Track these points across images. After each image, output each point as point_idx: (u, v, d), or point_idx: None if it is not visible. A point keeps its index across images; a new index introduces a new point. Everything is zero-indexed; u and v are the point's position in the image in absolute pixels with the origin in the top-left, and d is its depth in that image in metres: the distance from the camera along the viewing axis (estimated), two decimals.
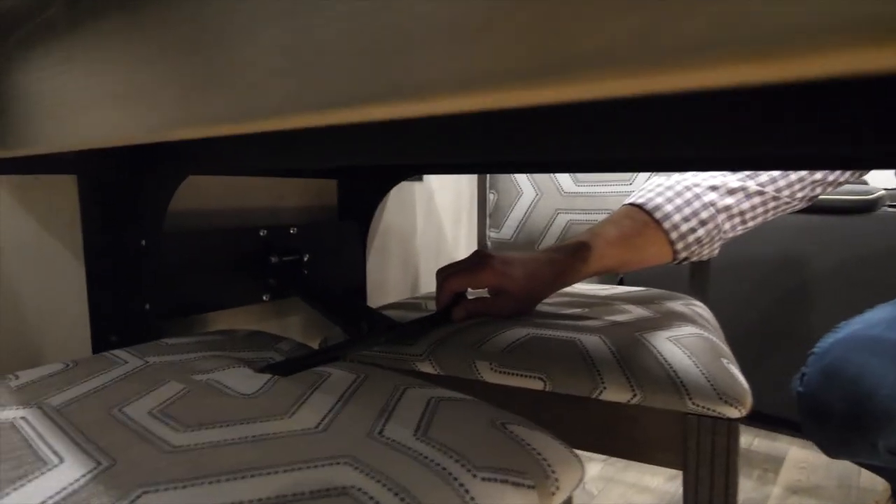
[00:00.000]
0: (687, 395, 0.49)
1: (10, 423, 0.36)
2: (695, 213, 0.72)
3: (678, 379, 0.50)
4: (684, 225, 0.72)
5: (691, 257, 0.75)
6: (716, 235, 0.75)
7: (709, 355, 0.53)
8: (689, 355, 0.53)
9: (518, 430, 0.37)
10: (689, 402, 0.49)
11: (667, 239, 0.72)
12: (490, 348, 0.58)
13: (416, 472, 0.31)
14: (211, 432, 0.35)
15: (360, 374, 0.46)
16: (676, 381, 0.50)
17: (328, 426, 0.36)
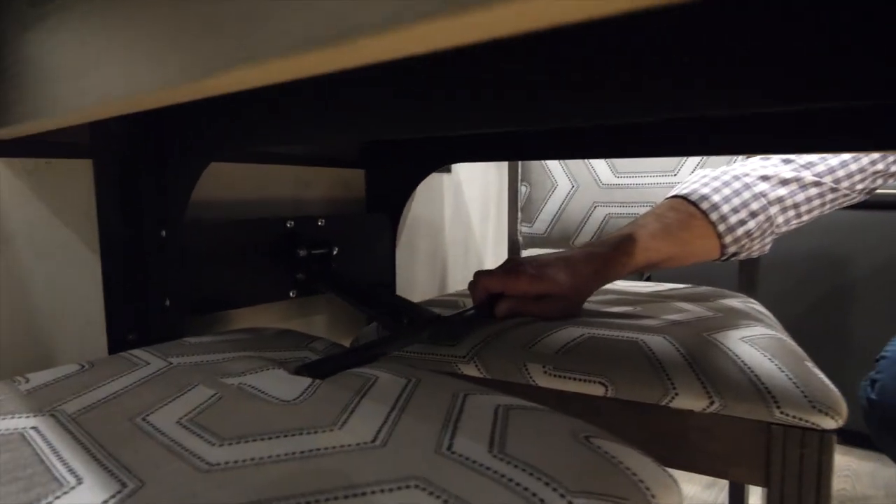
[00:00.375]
0: (774, 403, 0.44)
1: (19, 433, 0.31)
2: (744, 203, 0.67)
3: (762, 385, 0.45)
4: (733, 217, 0.66)
5: (740, 252, 0.70)
6: (767, 229, 0.69)
7: (791, 358, 0.48)
8: (770, 358, 0.47)
9: (605, 446, 0.32)
10: (777, 411, 0.44)
11: (714, 231, 0.66)
12: (542, 349, 0.53)
13: (500, 496, 0.26)
14: (252, 446, 0.30)
15: (411, 378, 0.40)
16: (760, 387, 0.45)
17: (387, 440, 0.31)
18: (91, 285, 0.57)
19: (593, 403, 0.51)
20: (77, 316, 0.56)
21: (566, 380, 0.51)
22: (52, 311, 0.55)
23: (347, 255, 0.73)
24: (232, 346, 0.49)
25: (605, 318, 0.60)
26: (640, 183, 0.88)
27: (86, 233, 0.56)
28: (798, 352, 0.51)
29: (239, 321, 0.70)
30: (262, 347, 0.48)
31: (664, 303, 0.67)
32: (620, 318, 0.60)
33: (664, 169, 0.86)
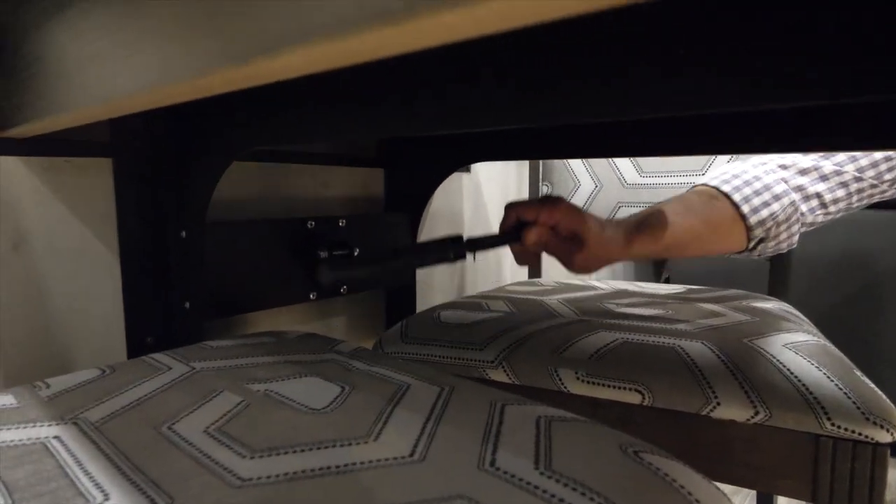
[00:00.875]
0: (824, 415, 0.42)
1: (41, 444, 0.30)
2: (766, 187, 0.66)
3: (811, 395, 0.43)
4: (756, 198, 0.65)
5: (768, 241, 0.68)
6: (792, 215, 0.67)
7: (839, 367, 0.46)
8: (818, 366, 0.45)
9: (656, 461, 0.30)
10: (828, 423, 0.42)
11: (738, 213, 0.65)
12: (575, 354, 0.51)
13: None
14: (284, 459, 0.28)
15: (445, 386, 0.39)
16: (809, 397, 0.43)
17: (426, 453, 0.29)
18: (110, 287, 0.56)
19: (629, 412, 0.49)
20: (95, 318, 0.55)
21: (600, 387, 0.49)
22: (70, 313, 0.53)
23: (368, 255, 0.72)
24: (255, 350, 0.47)
25: (637, 321, 0.58)
26: (666, 182, 0.86)
27: (105, 233, 0.55)
28: (845, 360, 0.48)
29: (257, 323, 0.69)
30: (286, 351, 0.47)
31: (695, 305, 0.65)
32: (653, 321, 0.58)
33: (692, 168, 0.84)
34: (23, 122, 0.40)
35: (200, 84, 0.22)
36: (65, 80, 0.32)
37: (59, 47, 0.32)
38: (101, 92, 0.27)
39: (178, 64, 0.21)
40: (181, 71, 0.21)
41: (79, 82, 0.30)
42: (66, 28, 0.31)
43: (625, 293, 0.74)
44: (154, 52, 0.23)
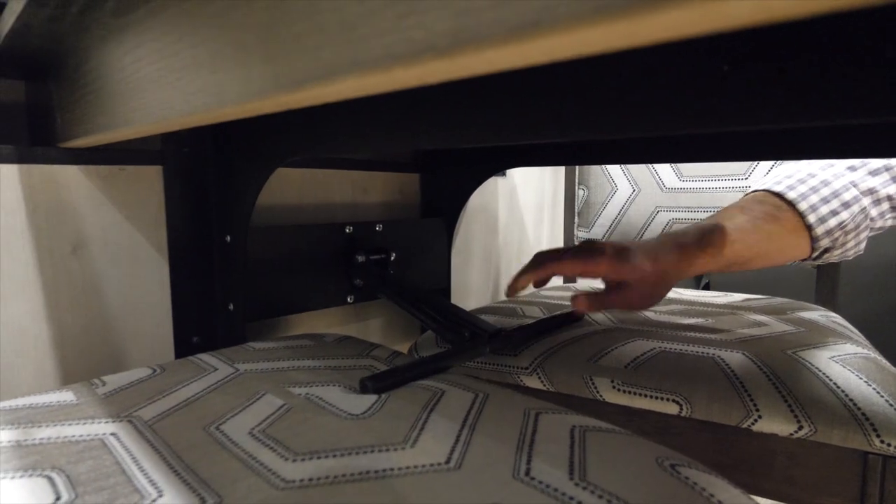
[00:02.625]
0: (873, 431, 0.40)
1: (100, 440, 0.32)
2: (835, 193, 0.60)
3: (859, 410, 0.41)
4: (823, 206, 0.60)
5: (834, 249, 0.63)
6: (861, 222, 0.63)
7: (891, 382, 0.44)
8: (867, 381, 0.44)
9: (694, 476, 0.30)
10: (877, 440, 0.40)
11: (803, 224, 0.60)
12: (610, 363, 0.51)
13: None
14: (325, 463, 0.29)
15: (479, 393, 0.39)
16: (857, 413, 0.41)
17: (461, 461, 0.30)
18: (159, 289, 0.58)
19: (666, 422, 0.49)
20: (146, 318, 0.58)
21: (636, 396, 0.49)
22: (123, 314, 0.56)
23: (404, 260, 0.73)
24: (295, 352, 0.49)
25: (675, 330, 0.57)
26: (707, 187, 0.84)
27: (156, 237, 0.58)
28: (894, 373, 0.47)
29: (297, 325, 0.70)
30: (324, 355, 0.48)
31: (738, 315, 0.63)
32: (692, 331, 0.57)
33: (734, 172, 0.82)
34: (83, 136, 0.43)
35: (250, 107, 0.23)
36: (123, 99, 0.34)
37: (118, 68, 0.34)
38: (157, 112, 0.29)
39: (231, 89, 0.22)
40: (233, 96, 0.22)
41: (136, 102, 0.31)
42: (125, 51, 0.32)
43: (666, 301, 0.73)
44: (208, 77, 0.24)
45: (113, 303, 0.55)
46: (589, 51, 0.12)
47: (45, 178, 0.50)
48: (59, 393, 0.39)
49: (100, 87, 0.38)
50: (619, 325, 0.59)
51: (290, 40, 0.19)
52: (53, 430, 0.33)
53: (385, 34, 0.15)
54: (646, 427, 0.49)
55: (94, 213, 0.54)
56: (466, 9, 0.13)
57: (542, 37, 0.12)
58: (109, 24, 0.35)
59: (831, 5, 0.09)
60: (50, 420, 0.35)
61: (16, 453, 0.30)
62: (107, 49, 0.36)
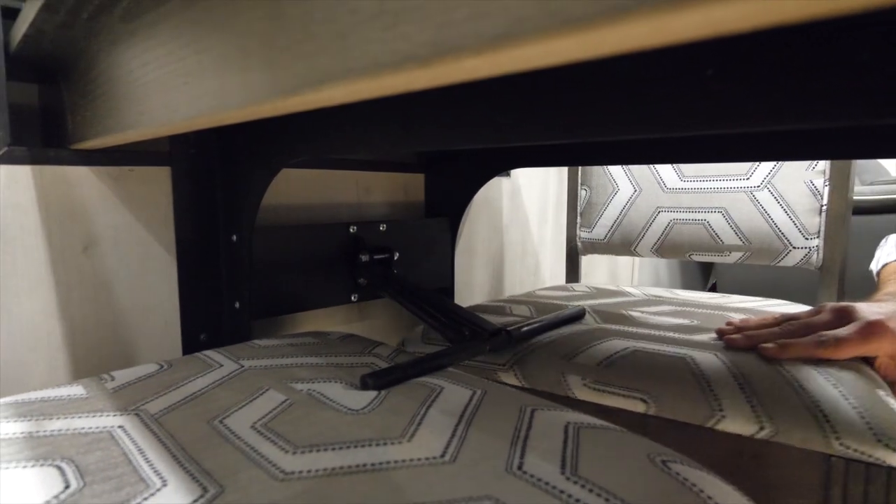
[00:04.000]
0: (833, 434, 0.41)
1: (108, 432, 0.33)
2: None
3: (821, 413, 0.42)
4: None
5: None
6: None
7: (861, 385, 0.44)
8: (835, 384, 0.44)
9: (683, 471, 0.31)
10: (836, 442, 0.41)
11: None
12: (584, 361, 0.52)
13: None
14: (324, 456, 0.30)
15: (476, 390, 0.40)
16: (818, 415, 0.42)
17: (456, 455, 0.31)
18: (168, 287, 0.60)
19: (636, 420, 0.49)
20: (155, 315, 0.59)
21: (606, 394, 0.49)
22: (133, 311, 0.57)
23: (408, 259, 0.74)
24: (299, 350, 0.50)
25: (655, 330, 0.58)
26: (707, 187, 0.84)
27: (164, 237, 0.59)
28: (872, 378, 0.47)
29: (302, 323, 0.72)
30: (327, 352, 0.49)
31: (725, 316, 0.64)
32: (672, 331, 0.58)
33: (735, 172, 0.82)
34: (93, 137, 0.44)
35: (251, 110, 0.24)
36: (131, 102, 0.35)
37: (127, 72, 0.35)
38: (163, 115, 0.30)
39: (234, 94, 0.23)
40: (236, 100, 0.23)
41: (143, 105, 0.32)
42: (133, 55, 0.33)
43: (656, 300, 0.73)
44: (212, 82, 0.25)
45: (122, 300, 0.57)
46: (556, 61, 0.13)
47: (57, 179, 0.52)
48: (69, 387, 0.40)
49: (109, 90, 0.39)
50: (601, 324, 0.60)
51: (287, 48, 0.20)
52: (64, 423, 0.34)
53: (372, 44, 0.16)
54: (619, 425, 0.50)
55: (104, 213, 0.55)
56: (445, 21, 0.14)
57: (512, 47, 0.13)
58: (118, 29, 0.36)
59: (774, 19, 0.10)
60: (61, 413, 0.36)
61: (28, 444, 0.32)
62: (116, 53, 0.37)
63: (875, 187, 1.33)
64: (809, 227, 0.77)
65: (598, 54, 0.12)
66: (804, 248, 0.77)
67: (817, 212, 0.76)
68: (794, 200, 0.78)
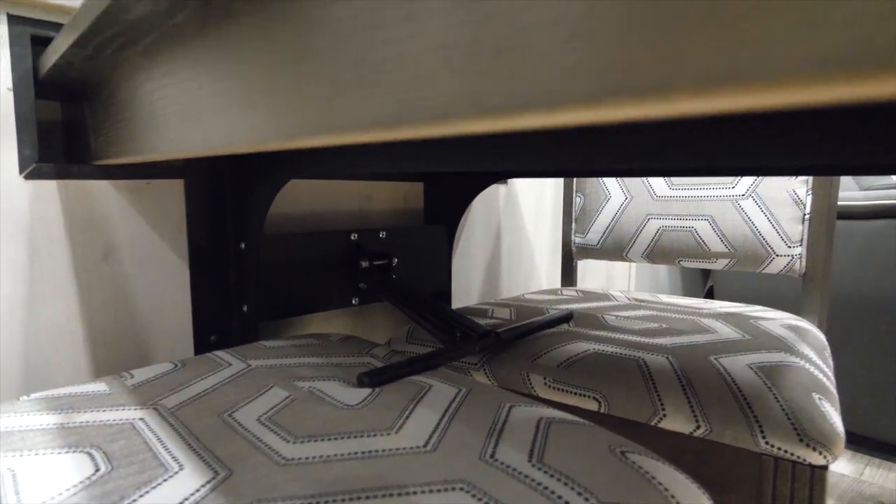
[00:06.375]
0: (760, 433, 0.44)
1: (130, 424, 0.37)
2: None
3: (751, 412, 0.45)
4: None
5: None
6: None
7: (796, 388, 0.47)
8: (770, 387, 0.47)
9: (639, 461, 0.34)
10: (763, 441, 0.44)
11: None
12: (546, 362, 0.55)
13: (536, 503, 0.29)
14: (321, 445, 0.34)
15: (462, 388, 0.44)
16: (749, 415, 0.45)
17: (437, 445, 0.35)
18: (181, 291, 0.64)
19: (592, 418, 0.53)
20: (169, 318, 0.63)
21: (563, 393, 0.53)
22: (149, 313, 0.62)
23: (406, 265, 0.78)
24: (302, 350, 0.54)
25: (621, 333, 0.61)
26: (695, 195, 0.88)
27: (177, 244, 0.63)
28: (813, 382, 0.49)
29: (306, 324, 0.76)
30: (328, 353, 0.53)
31: (695, 320, 0.67)
32: (637, 335, 0.61)
33: (722, 181, 0.86)
34: (115, 157, 0.48)
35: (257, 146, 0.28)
36: (151, 130, 0.39)
37: (148, 102, 0.39)
38: (180, 144, 0.34)
39: (241, 134, 0.27)
40: (243, 139, 0.27)
41: (162, 133, 0.37)
42: (153, 88, 0.38)
43: (636, 305, 0.76)
44: (223, 121, 0.29)
45: (139, 304, 0.61)
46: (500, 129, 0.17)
47: (80, 192, 0.56)
48: (94, 384, 0.45)
49: (130, 116, 0.43)
50: (572, 328, 0.64)
51: (286, 102, 0.24)
52: (91, 416, 0.39)
53: (352, 109, 0.20)
54: None
55: (122, 223, 0.59)
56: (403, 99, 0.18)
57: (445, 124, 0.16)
58: (140, 63, 0.40)
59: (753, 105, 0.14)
60: (87, 407, 0.40)
61: (60, 434, 0.36)
62: (137, 84, 0.41)
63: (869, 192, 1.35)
64: (792, 235, 0.80)
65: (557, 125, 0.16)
66: (787, 256, 0.80)
67: (800, 220, 0.80)
68: (778, 209, 0.81)
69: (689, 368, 0.51)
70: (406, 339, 0.67)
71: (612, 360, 0.54)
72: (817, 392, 0.47)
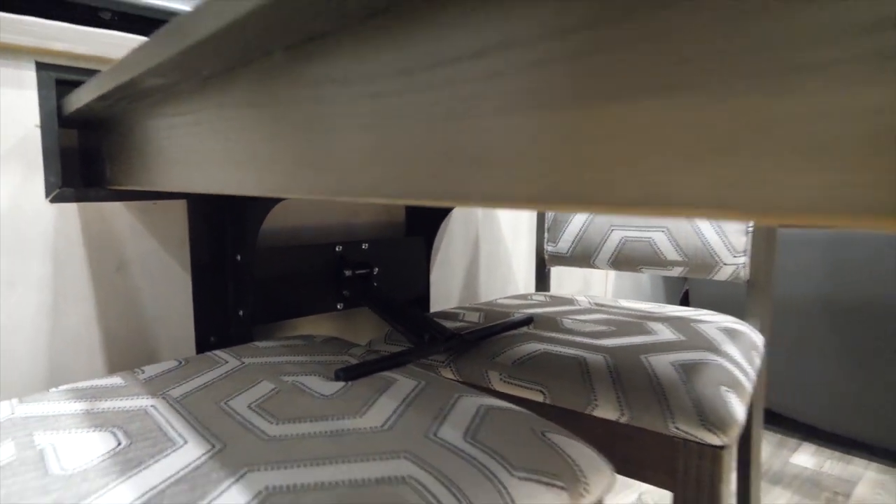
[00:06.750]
0: (671, 419, 0.52)
1: (143, 409, 0.46)
2: None
3: (665, 402, 0.53)
4: None
5: None
6: None
7: (708, 382, 0.55)
8: (684, 380, 0.55)
9: (556, 439, 0.43)
10: (672, 425, 0.52)
11: None
12: (503, 360, 0.64)
13: (462, 468, 0.37)
14: (298, 426, 0.42)
15: (421, 382, 0.52)
16: (663, 402, 0.53)
17: (392, 426, 0.43)
18: (184, 298, 0.72)
19: (539, 408, 0.61)
20: (173, 322, 0.72)
21: (515, 386, 0.61)
22: (156, 318, 0.70)
23: (387, 274, 0.86)
24: (289, 350, 0.62)
25: (572, 335, 0.69)
26: None
27: (181, 257, 0.72)
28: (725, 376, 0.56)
29: (296, 326, 0.84)
30: (312, 352, 0.62)
31: (642, 324, 0.75)
32: (586, 336, 0.69)
33: None
34: (127, 184, 0.56)
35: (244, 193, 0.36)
36: (160, 166, 0.47)
37: (157, 145, 0.47)
38: (184, 183, 0.42)
39: (233, 183, 0.36)
40: (234, 187, 0.36)
41: (170, 171, 0.45)
42: (163, 135, 0.46)
43: (596, 309, 0.84)
44: (218, 170, 0.37)
45: (148, 310, 0.69)
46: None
47: (96, 213, 0.64)
48: (111, 378, 0.53)
49: (142, 152, 0.52)
50: (531, 330, 0.72)
51: (265, 168, 0.32)
52: (111, 403, 0.47)
53: (309, 179, 0.28)
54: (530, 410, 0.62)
55: (133, 239, 0.68)
56: (340, 178, 0.26)
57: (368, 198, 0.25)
58: (151, 111, 0.48)
59: None
60: (107, 396, 0.48)
61: (87, 417, 0.44)
62: (148, 128, 0.49)
63: None
64: (737, 245, 0.88)
65: None
66: (733, 265, 0.88)
67: (744, 232, 0.88)
68: (725, 222, 0.89)
69: (621, 366, 0.59)
70: (384, 341, 0.75)
71: (558, 359, 0.62)
72: (726, 385, 0.55)
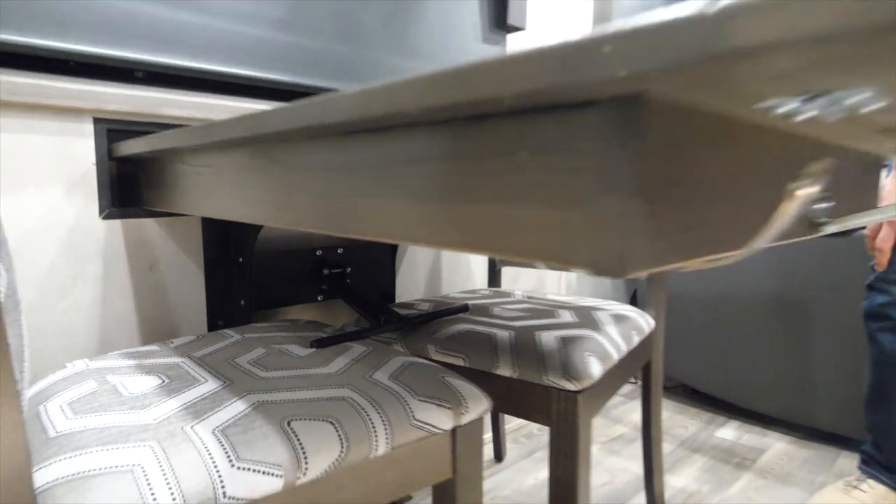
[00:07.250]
0: (544, 372, 0.74)
1: (177, 364, 0.67)
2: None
3: (542, 359, 0.75)
4: None
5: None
6: None
7: (576, 348, 0.76)
8: (560, 348, 0.77)
9: (451, 380, 0.64)
10: (545, 378, 0.74)
11: None
12: (439, 336, 0.85)
13: (382, 394, 0.59)
14: (280, 372, 0.64)
15: (370, 348, 0.74)
16: (540, 361, 0.75)
17: (342, 372, 0.64)
18: (199, 291, 0.94)
19: (462, 370, 0.82)
20: (191, 307, 0.93)
21: (446, 355, 0.83)
22: (178, 305, 0.92)
23: (359, 272, 1.07)
24: (279, 328, 0.84)
25: (495, 319, 0.91)
26: None
27: (196, 259, 0.93)
28: (591, 344, 0.77)
29: (286, 313, 1.06)
30: (295, 330, 0.83)
31: (552, 311, 0.96)
32: (505, 320, 0.90)
33: None
34: (160, 207, 0.78)
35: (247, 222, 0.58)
36: (188, 196, 0.69)
37: (183, 182, 0.69)
38: (208, 211, 0.64)
39: (236, 214, 0.57)
40: (238, 216, 0.57)
41: (191, 202, 0.67)
42: (187, 177, 0.68)
43: (524, 301, 1.06)
44: (233, 205, 0.59)
45: (172, 299, 0.91)
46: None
47: (135, 227, 0.86)
48: (148, 347, 0.75)
49: (174, 184, 0.73)
50: (467, 315, 0.93)
51: (265, 206, 0.54)
52: (152, 360, 0.69)
53: (284, 216, 0.50)
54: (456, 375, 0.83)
55: (161, 245, 0.89)
56: (300, 217, 0.48)
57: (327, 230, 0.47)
58: (181, 158, 0.70)
59: None
60: (149, 357, 0.70)
61: (138, 368, 0.66)
62: (177, 171, 0.71)
63: None
64: None
65: None
66: None
67: None
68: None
69: (519, 339, 0.80)
70: (354, 324, 0.97)
71: (476, 335, 0.84)
72: (590, 351, 0.77)
